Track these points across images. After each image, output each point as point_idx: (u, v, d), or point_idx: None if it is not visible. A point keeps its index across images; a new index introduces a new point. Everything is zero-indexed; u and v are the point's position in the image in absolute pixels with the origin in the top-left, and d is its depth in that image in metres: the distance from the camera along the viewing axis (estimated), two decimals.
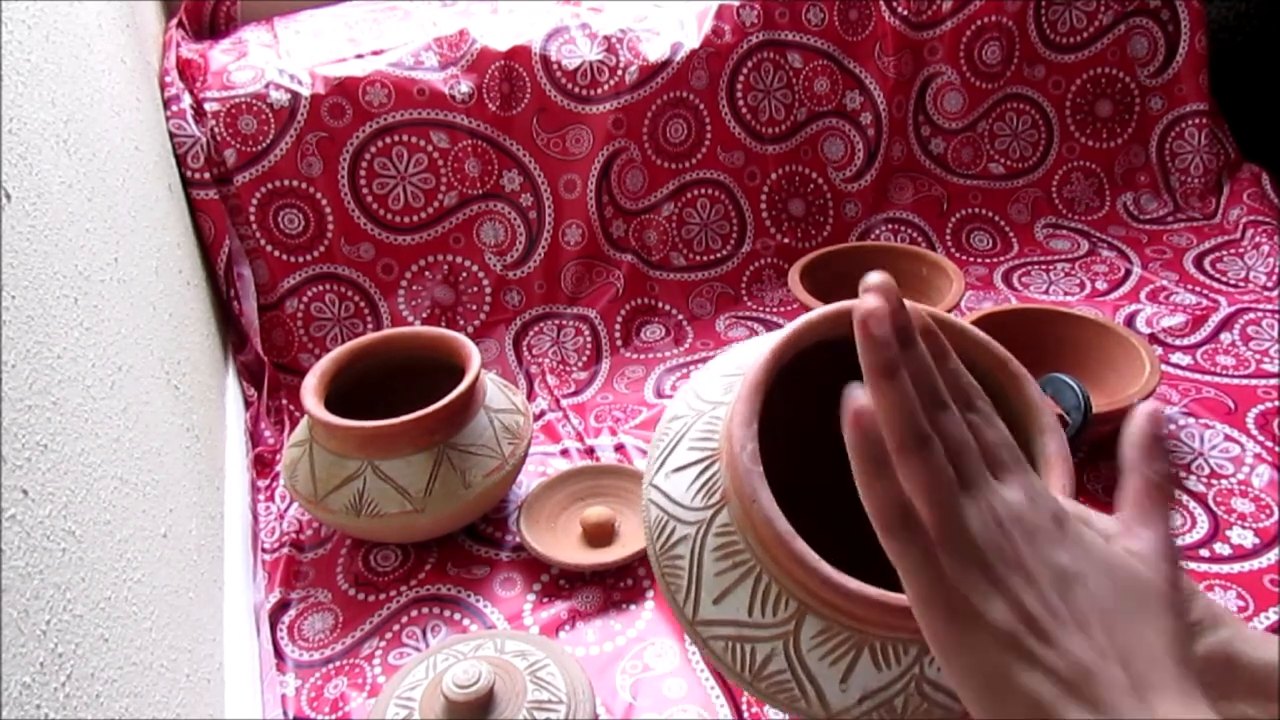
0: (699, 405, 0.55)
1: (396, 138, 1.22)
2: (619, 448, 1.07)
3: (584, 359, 1.24)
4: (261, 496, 1.04)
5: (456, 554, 0.95)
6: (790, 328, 0.52)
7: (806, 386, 0.54)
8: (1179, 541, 0.42)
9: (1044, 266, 1.35)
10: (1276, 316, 1.18)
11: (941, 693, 0.50)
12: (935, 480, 0.35)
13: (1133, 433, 0.40)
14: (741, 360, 0.56)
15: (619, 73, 1.27)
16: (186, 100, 1.17)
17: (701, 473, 0.52)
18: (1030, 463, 0.52)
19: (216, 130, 1.16)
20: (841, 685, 0.49)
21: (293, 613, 0.90)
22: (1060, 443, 0.51)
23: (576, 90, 1.27)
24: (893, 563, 0.36)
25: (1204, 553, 0.87)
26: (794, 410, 0.55)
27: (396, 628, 0.88)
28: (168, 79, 1.19)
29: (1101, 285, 1.29)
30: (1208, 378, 1.09)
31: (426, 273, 1.25)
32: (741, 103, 1.34)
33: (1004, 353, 0.53)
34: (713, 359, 0.60)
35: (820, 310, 0.52)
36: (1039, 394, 0.52)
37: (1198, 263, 1.32)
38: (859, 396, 0.35)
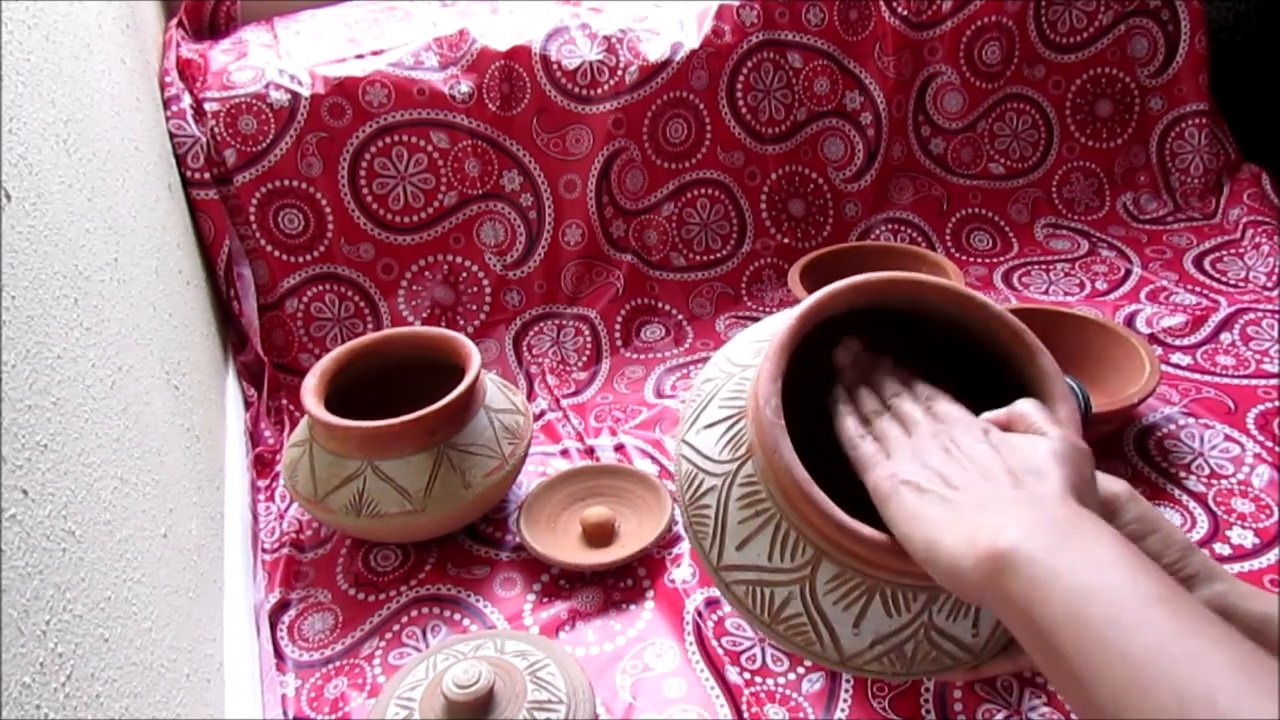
0: (729, 368, 0.59)
1: (396, 138, 1.22)
2: (619, 448, 1.07)
3: (584, 359, 1.24)
4: (261, 496, 1.04)
5: (456, 554, 0.95)
6: (816, 296, 0.55)
7: (831, 357, 0.58)
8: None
9: (1044, 266, 1.35)
10: (1276, 316, 1.18)
11: (949, 640, 0.52)
12: (888, 431, 0.52)
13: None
14: (772, 328, 0.59)
15: (619, 73, 1.27)
16: (186, 100, 1.17)
17: (729, 428, 0.55)
18: None
19: (216, 130, 1.16)
20: (854, 630, 0.51)
21: (293, 613, 0.90)
22: (1071, 409, 0.53)
23: (576, 90, 1.27)
24: (854, 465, 0.51)
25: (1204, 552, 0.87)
26: (821, 380, 0.58)
27: (396, 628, 0.88)
28: (168, 79, 1.19)
29: (1101, 285, 1.29)
30: (1208, 378, 1.09)
31: (426, 273, 1.25)
32: (741, 103, 1.34)
33: (1019, 325, 0.56)
34: (748, 328, 0.64)
35: (846, 281, 0.56)
36: (1052, 364, 0.55)
37: (1198, 263, 1.32)
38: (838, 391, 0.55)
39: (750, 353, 0.58)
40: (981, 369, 0.58)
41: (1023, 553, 0.39)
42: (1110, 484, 0.50)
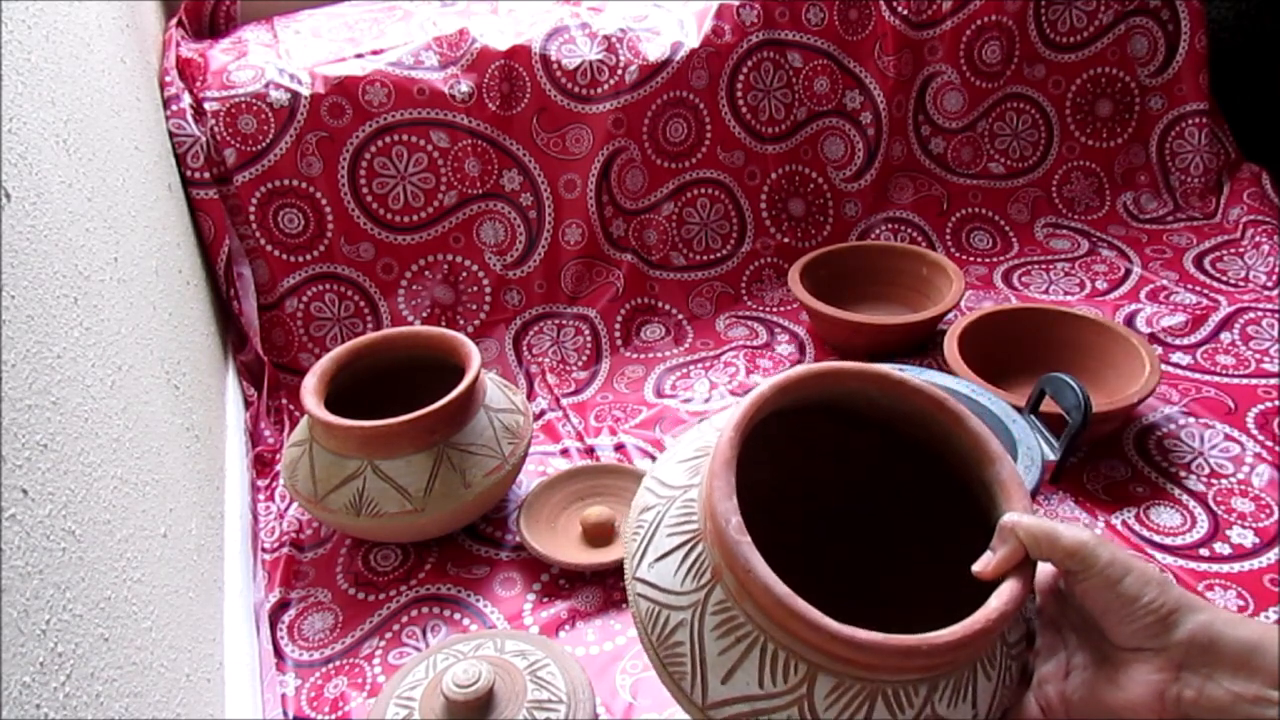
0: (668, 493, 0.56)
1: (396, 137, 1.22)
2: (619, 447, 1.07)
3: (584, 358, 1.24)
4: (261, 496, 1.04)
5: (456, 554, 0.95)
6: (748, 401, 0.54)
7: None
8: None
9: (1044, 266, 1.35)
10: (1276, 316, 1.18)
11: None
12: None
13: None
14: (699, 443, 0.57)
15: (619, 72, 1.27)
16: (186, 100, 1.17)
17: (686, 555, 0.53)
18: (984, 491, 0.54)
19: (216, 130, 1.16)
20: None
21: (293, 612, 0.90)
22: (1010, 469, 0.53)
23: (576, 90, 1.27)
24: None
25: (1204, 552, 0.88)
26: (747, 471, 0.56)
27: (396, 627, 0.88)
28: (168, 79, 1.19)
29: (1101, 285, 1.30)
30: (1208, 377, 1.09)
31: (426, 272, 1.25)
32: (741, 102, 1.34)
33: (940, 394, 0.56)
34: (664, 452, 0.62)
35: (771, 381, 0.55)
36: (980, 426, 0.55)
37: (1198, 262, 1.32)
38: None
39: (684, 473, 0.56)
40: (918, 446, 0.58)
41: None
42: (1077, 533, 0.48)
